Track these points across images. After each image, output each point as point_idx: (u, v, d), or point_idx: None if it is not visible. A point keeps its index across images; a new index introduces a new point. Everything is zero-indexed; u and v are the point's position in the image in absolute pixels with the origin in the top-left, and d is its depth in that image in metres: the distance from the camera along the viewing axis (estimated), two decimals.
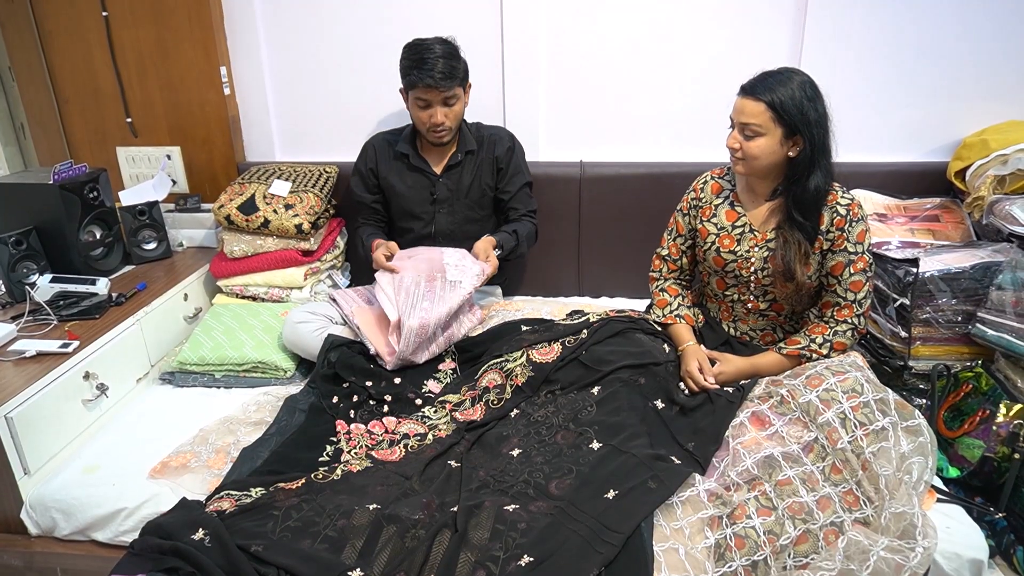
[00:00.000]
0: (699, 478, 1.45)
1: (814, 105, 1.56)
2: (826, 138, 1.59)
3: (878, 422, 1.43)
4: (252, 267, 2.26)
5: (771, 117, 1.56)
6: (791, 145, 1.60)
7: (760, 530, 1.33)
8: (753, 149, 1.60)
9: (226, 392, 1.99)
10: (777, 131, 1.57)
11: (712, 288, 1.83)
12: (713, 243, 1.75)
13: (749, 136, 1.59)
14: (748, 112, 1.58)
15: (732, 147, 1.63)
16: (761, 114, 1.56)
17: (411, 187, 2.18)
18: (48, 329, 1.90)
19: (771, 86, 1.56)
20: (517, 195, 2.21)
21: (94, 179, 2.22)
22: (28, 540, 1.63)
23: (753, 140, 1.59)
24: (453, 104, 2.03)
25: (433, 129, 2.04)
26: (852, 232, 1.63)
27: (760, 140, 1.59)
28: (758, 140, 1.59)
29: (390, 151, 2.20)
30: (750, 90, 1.59)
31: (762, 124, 1.57)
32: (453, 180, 2.17)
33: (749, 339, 1.81)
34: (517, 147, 2.23)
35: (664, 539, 1.33)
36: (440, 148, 2.16)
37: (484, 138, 2.20)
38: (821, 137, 1.58)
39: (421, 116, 2.04)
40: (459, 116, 2.08)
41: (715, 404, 1.62)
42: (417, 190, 2.18)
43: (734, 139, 1.62)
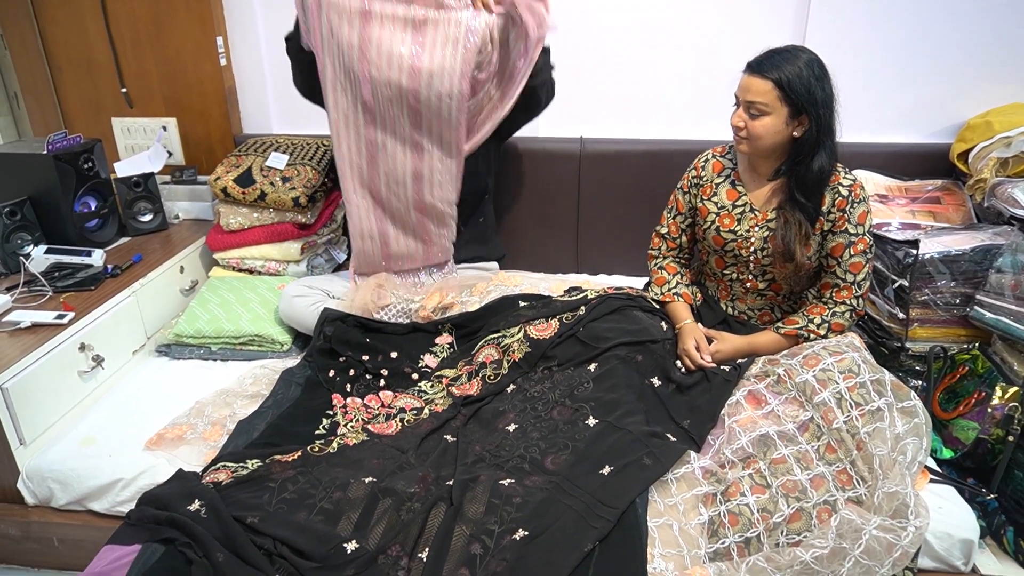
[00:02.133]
0: (694, 455, 1.46)
1: (821, 85, 1.54)
2: (832, 119, 1.57)
3: (874, 403, 1.44)
4: (248, 240, 2.25)
5: (778, 96, 1.55)
6: (796, 125, 1.58)
7: (754, 507, 1.34)
8: (758, 128, 1.58)
9: (222, 365, 1.99)
10: (783, 110, 1.56)
11: (711, 267, 1.83)
12: (713, 222, 1.74)
13: (755, 115, 1.58)
14: (754, 90, 1.56)
15: (736, 125, 1.61)
16: (768, 92, 1.55)
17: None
18: (43, 300, 1.89)
19: (778, 64, 1.54)
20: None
21: (89, 150, 2.20)
22: (25, 510, 1.64)
23: (758, 119, 1.58)
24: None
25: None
26: (853, 213, 1.62)
27: (765, 119, 1.57)
28: (763, 119, 1.57)
29: None
30: (757, 68, 1.57)
31: (768, 103, 1.55)
32: None
33: (747, 318, 1.81)
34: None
35: (658, 515, 1.34)
36: None
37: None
38: (827, 117, 1.56)
39: None
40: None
41: (711, 382, 1.63)
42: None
43: (739, 117, 1.61)
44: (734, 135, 1.65)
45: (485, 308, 1.97)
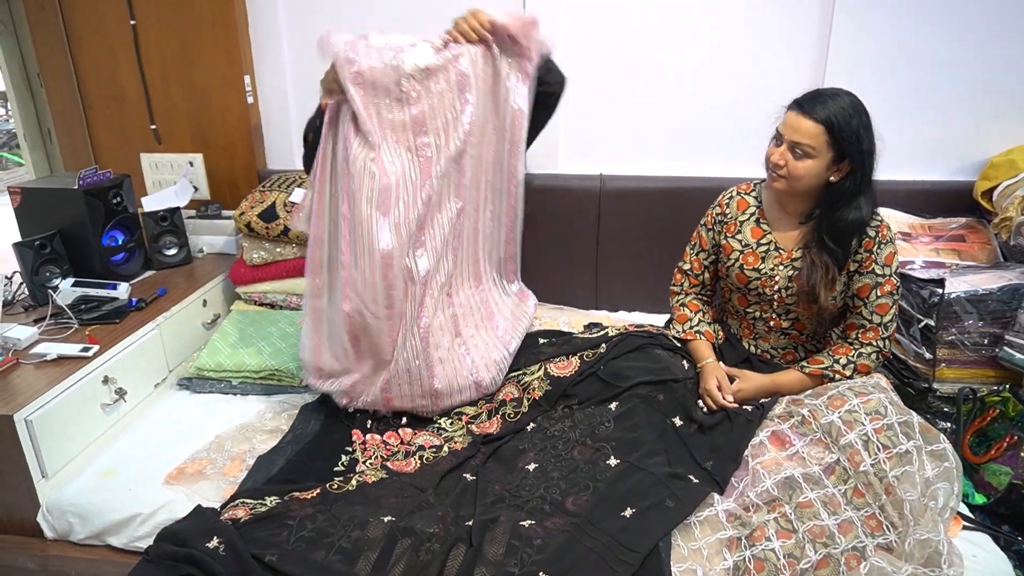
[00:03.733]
0: (717, 498, 1.43)
1: (868, 132, 1.53)
2: (874, 168, 1.56)
3: (902, 445, 1.41)
4: (271, 274, 2.28)
5: (826, 140, 1.52)
6: (835, 170, 1.56)
7: (780, 553, 1.31)
8: (800, 169, 1.55)
9: (242, 399, 2.00)
10: (828, 154, 1.53)
11: (734, 305, 1.82)
12: (737, 260, 1.73)
13: (799, 155, 1.55)
14: (803, 131, 1.53)
15: (777, 163, 1.58)
16: (818, 136, 1.52)
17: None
18: (69, 333, 1.92)
19: (828, 106, 1.51)
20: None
21: (118, 185, 2.25)
22: (44, 543, 1.64)
23: (802, 160, 1.55)
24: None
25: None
26: (880, 254, 1.61)
27: (809, 162, 1.54)
28: (807, 161, 1.54)
29: None
30: (808, 108, 1.53)
31: (815, 146, 1.53)
32: None
33: (770, 357, 1.79)
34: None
35: (682, 560, 1.31)
36: None
37: None
38: (871, 166, 1.54)
39: None
40: None
41: (734, 422, 1.60)
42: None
43: (780, 155, 1.57)
44: (770, 170, 1.61)
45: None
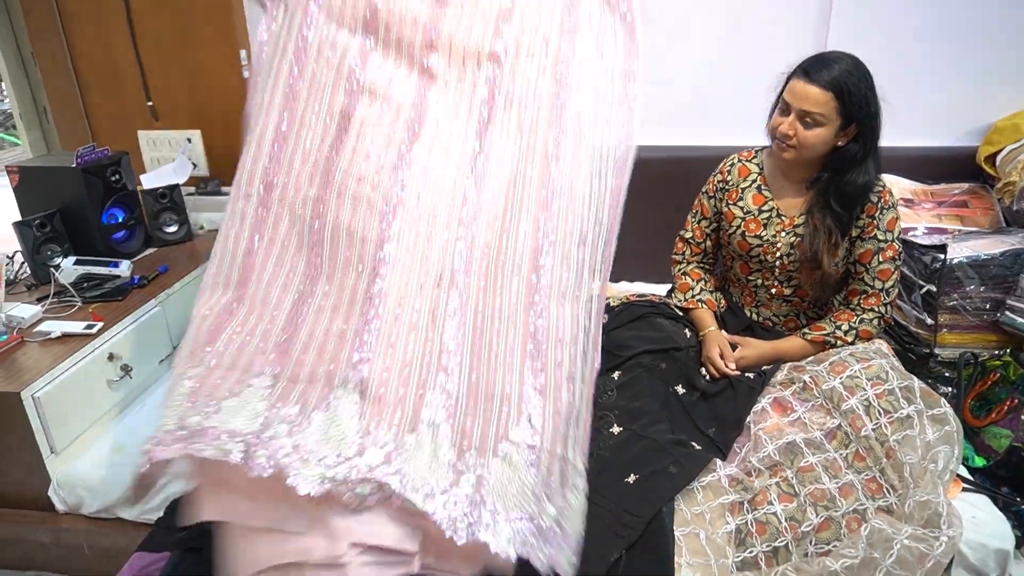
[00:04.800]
0: (720, 464, 1.44)
1: (874, 95, 1.52)
2: (880, 129, 1.55)
3: (903, 410, 1.42)
4: None
5: (835, 107, 1.51)
6: (843, 135, 1.56)
7: (782, 516, 1.33)
8: (810, 139, 1.54)
9: None
10: (837, 121, 1.53)
11: (735, 273, 1.82)
12: (739, 227, 1.73)
13: (808, 124, 1.53)
14: (812, 99, 1.51)
15: (786, 133, 1.56)
16: (827, 103, 1.51)
17: None
18: (73, 311, 1.93)
19: (835, 72, 1.50)
20: None
21: (116, 162, 2.25)
22: (56, 517, 1.67)
23: (812, 129, 1.53)
24: None
25: None
26: (883, 220, 1.60)
27: (819, 130, 1.53)
28: (817, 130, 1.53)
29: None
30: (815, 76, 1.51)
31: (825, 113, 1.51)
32: None
33: (772, 324, 1.80)
34: None
35: (685, 523, 1.33)
36: None
37: None
38: (878, 128, 1.54)
39: None
40: None
41: (736, 390, 1.61)
42: None
43: (789, 125, 1.55)
44: (777, 142, 1.60)
45: None
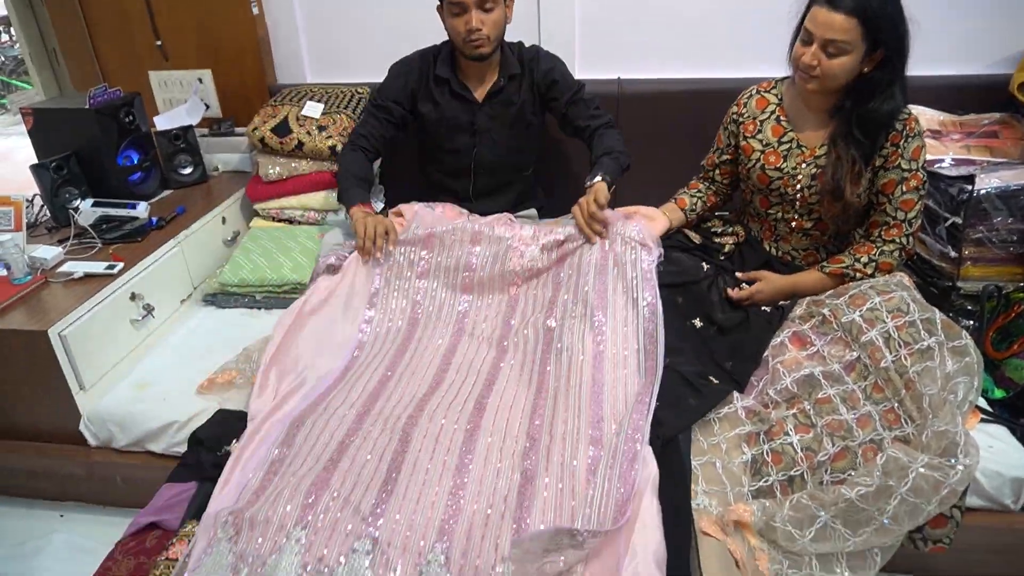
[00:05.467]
0: (737, 396, 1.46)
1: (901, 16, 1.45)
2: (908, 52, 1.48)
3: (923, 341, 1.41)
4: (287, 190, 2.27)
5: (860, 33, 1.44)
6: (868, 61, 1.49)
7: (798, 446, 1.34)
8: (835, 68, 1.48)
9: (267, 313, 2.03)
10: (862, 47, 1.46)
11: (755, 207, 1.80)
12: (758, 160, 1.70)
13: (832, 54, 1.47)
14: (836, 27, 1.44)
15: (809, 64, 1.50)
16: (851, 29, 1.43)
17: (449, 116, 2.04)
18: (93, 252, 1.94)
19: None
20: (575, 106, 2.03)
21: (129, 103, 2.23)
22: (88, 451, 1.72)
23: (836, 58, 1.47)
24: (491, 10, 1.85)
25: (470, 39, 1.87)
26: (907, 148, 1.56)
27: (844, 58, 1.47)
28: (842, 58, 1.47)
29: (428, 73, 2.05)
30: (838, 1, 1.44)
31: (850, 41, 1.45)
32: (496, 108, 2.04)
33: (791, 259, 1.78)
34: (557, 63, 2.06)
35: (701, 453, 1.35)
36: (481, 72, 2.01)
37: (525, 60, 2.04)
38: (906, 52, 1.47)
39: (456, 25, 1.87)
40: (498, 25, 1.90)
41: (753, 323, 1.62)
42: (456, 119, 2.04)
43: (812, 56, 1.49)
44: (800, 73, 1.54)
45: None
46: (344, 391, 1.51)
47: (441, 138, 2.09)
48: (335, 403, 1.46)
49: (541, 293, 1.75)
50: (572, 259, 1.76)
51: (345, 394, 1.50)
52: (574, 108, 2.03)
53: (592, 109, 2.04)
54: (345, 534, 1.16)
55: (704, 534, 1.24)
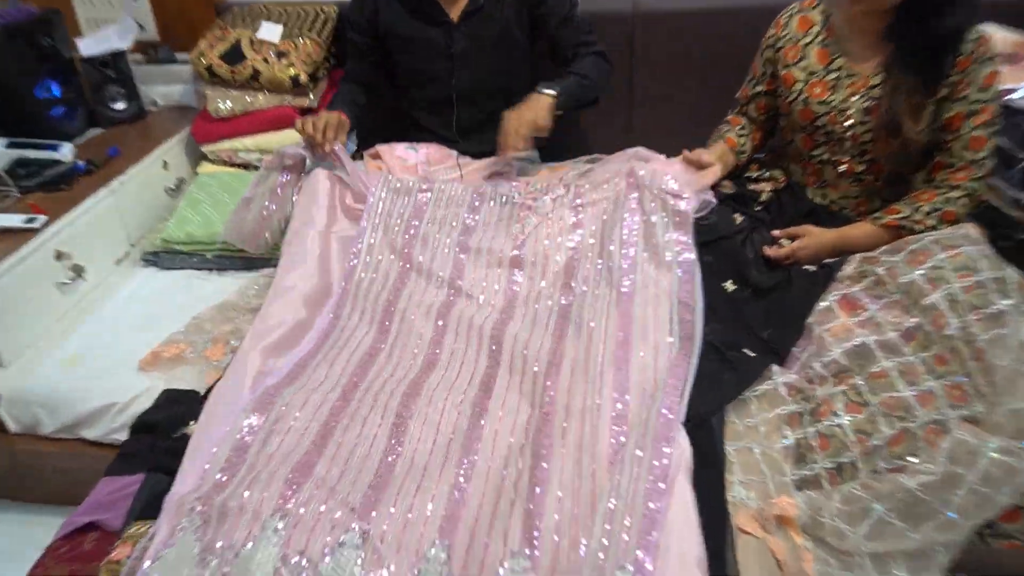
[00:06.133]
0: (777, 370, 1.44)
1: None
2: None
3: (995, 305, 1.38)
4: (241, 129, 2.23)
5: None
6: None
7: (848, 428, 1.32)
8: None
9: (220, 275, 2.02)
10: None
11: (797, 148, 1.77)
12: (800, 92, 1.67)
13: None
14: None
15: None
16: None
17: (421, 40, 2.03)
18: (8, 203, 1.89)
19: None
20: (565, 28, 2.02)
21: (46, 23, 2.16)
22: (9, 438, 1.70)
23: None
24: None
25: None
26: (978, 75, 1.52)
27: None
28: None
29: None
30: None
31: None
32: (475, 27, 2.02)
33: (839, 209, 1.76)
34: None
35: (737, 437, 1.34)
36: None
37: None
38: None
39: None
40: None
41: (795, 285, 1.59)
42: (429, 43, 2.03)
43: None
44: None
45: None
46: (326, 362, 1.49)
47: (414, 67, 2.09)
48: (317, 376, 1.45)
49: (554, 252, 1.74)
50: (592, 212, 1.75)
51: (328, 365, 1.48)
52: (564, 31, 2.02)
53: (583, 35, 2.04)
54: (331, 526, 1.14)
55: (741, 531, 1.22)
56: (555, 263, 1.72)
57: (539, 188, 1.88)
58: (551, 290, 1.67)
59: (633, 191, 1.72)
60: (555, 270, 1.71)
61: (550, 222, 1.80)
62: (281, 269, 1.70)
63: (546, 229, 1.79)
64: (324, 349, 1.54)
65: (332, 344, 1.55)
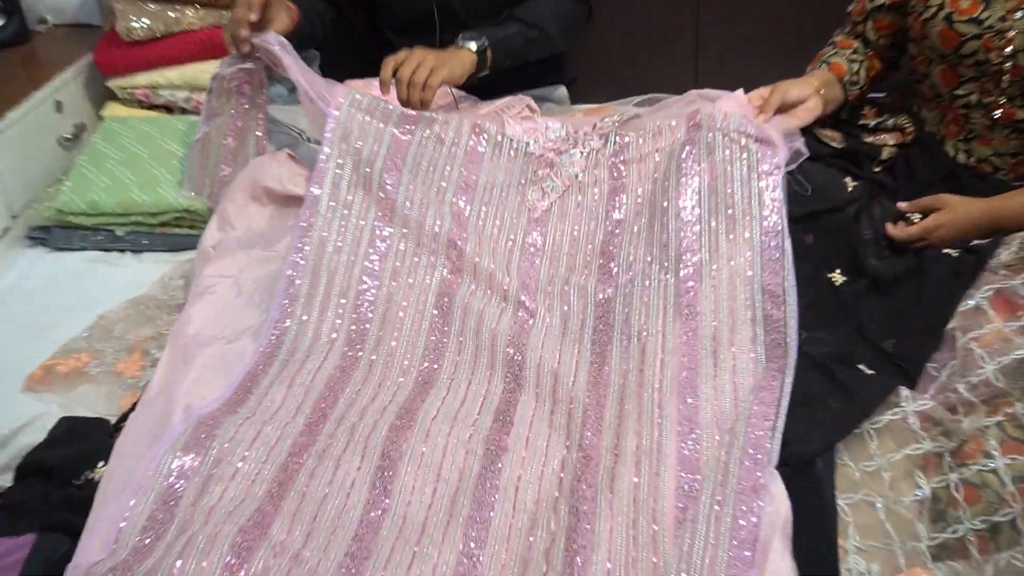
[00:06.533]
0: (906, 394, 1.43)
1: None
2: None
3: None
4: (164, 57, 2.25)
5: None
6: None
7: (1005, 475, 1.32)
8: None
9: (135, 258, 2.02)
10: None
11: (933, 85, 1.77)
12: (941, 6, 1.67)
13: None
14: None
15: None
16: None
17: None
18: None
19: None
20: None
21: None
22: None
23: None
24: None
25: None
26: None
27: None
28: None
29: None
30: None
31: None
32: None
33: (991, 170, 1.76)
34: None
35: (852, 487, 1.34)
36: None
37: None
38: None
39: None
40: None
41: (930, 276, 1.59)
42: None
43: None
44: None
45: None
46: (282, 380, 1.49)
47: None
48: (270, 400, 1.44)
49: (587, 227, 1.73)
50: (639, 172, 1.75)
51: (284, 385, 1.47)
52: None
53: None
54: None
55: None
56: (589, 244, 1.72)
57: (565, 137, 1.87)
58: (584, 280, 1.67)
59: (696, 142, 1.71)
60: (589, 254, 1.71)
61: (581, 186, 1.80)
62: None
63: (576, 196, 1.79)
64: (277, 361, 1.54)
65: (288, 354, 1.55)
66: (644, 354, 1.48)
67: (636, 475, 1.30)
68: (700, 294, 1.54)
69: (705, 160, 1.68)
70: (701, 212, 1.63)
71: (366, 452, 1.33)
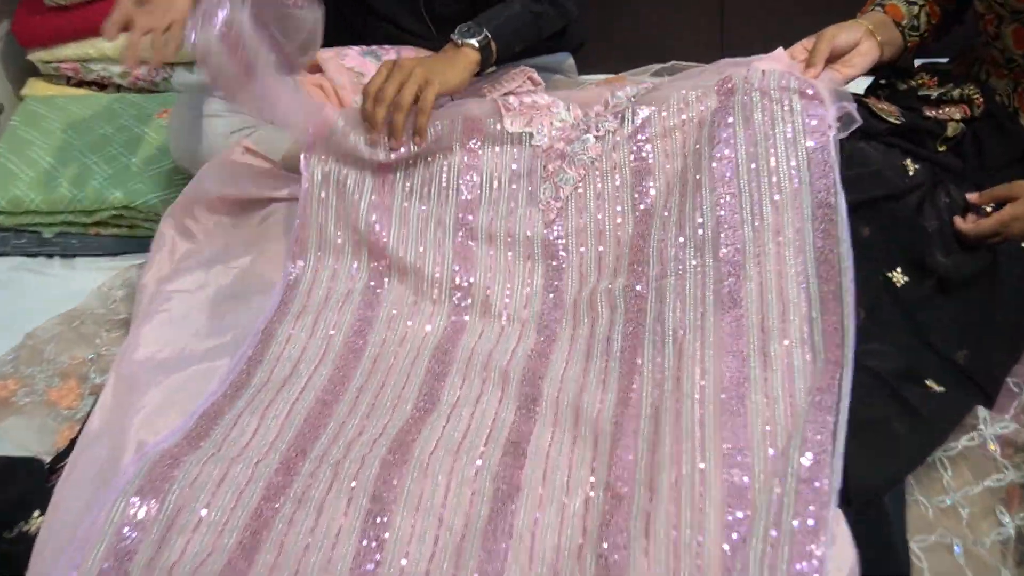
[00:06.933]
0: (984, 414, 1.44)
1: None
2: None
3: None
4: (95, 24, 2.15)
5: None
6: None
7: None
8: None
9: (66, 264, 2.03)
10: None
11: (1005, 47, 1.77)
12: None
13: None
14: None
15: None
16: None
17: None
18: None
19: None
20: None
21: None
22: None
23: None
24: None
25: None
26: None
27: None
28: None
29: None
30: None
31: None
32: None
33: None
34: None
35: (927, 528, 1.34)
36: None
37: None
38: None
39: None
40: None
41: (1007, 277, 1.60)
42: None
43: None
44: None
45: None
46: (252, 411, 1.49)
47: None
48: (238, 435, 1.44)
49: (614, 225, 1.74)
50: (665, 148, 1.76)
51: (256, 417, 1.48)
52: None
53: None
54: None
55: None
56: (616, 240, 1.73)
57: (575, 124, 1.88)
58: (611, 281, 1.68)
59: (730, 107, 1.72)
60: (618, 251, 1.71)
61: (599, 174, 1.80)
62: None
63: (594, 186, 1.79)
64: (247, 391, 1.54)
65: (261, 384, 1.55)
66: (681, 358, 1.47)
67: (675, 513, 1.29)
68: (743, 276, 1.53)
69: (742, 125, 1.68)
70: (740, 183, 1.63)
71: (353, 494, 1.33)
